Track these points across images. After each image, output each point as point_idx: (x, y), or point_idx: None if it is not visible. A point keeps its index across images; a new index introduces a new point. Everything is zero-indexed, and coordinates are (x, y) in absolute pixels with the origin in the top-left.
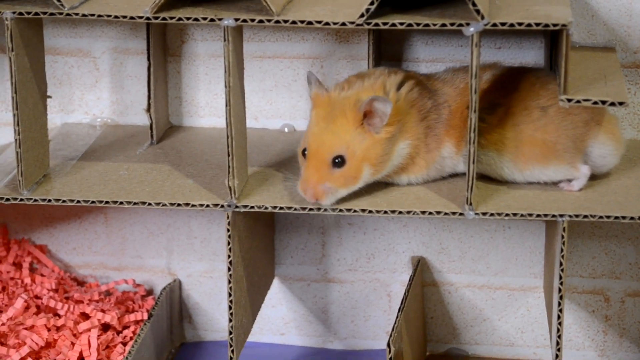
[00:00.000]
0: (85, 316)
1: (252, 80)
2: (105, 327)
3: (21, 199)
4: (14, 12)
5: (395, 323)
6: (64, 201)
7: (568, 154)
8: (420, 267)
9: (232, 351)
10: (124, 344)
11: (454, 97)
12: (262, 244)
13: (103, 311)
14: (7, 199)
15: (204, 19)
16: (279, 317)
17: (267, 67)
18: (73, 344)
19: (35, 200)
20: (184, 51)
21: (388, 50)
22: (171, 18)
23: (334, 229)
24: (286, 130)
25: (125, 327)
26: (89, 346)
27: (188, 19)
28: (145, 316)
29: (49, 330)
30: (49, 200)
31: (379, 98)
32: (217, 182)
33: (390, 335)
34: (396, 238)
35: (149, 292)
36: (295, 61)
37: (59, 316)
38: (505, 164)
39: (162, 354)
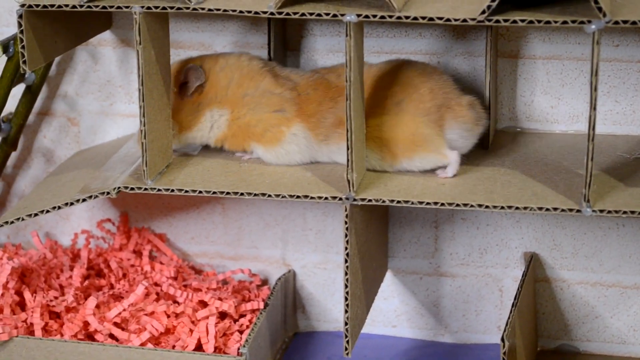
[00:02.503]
0: (203, 304)
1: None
2: (222, 315)
3: (145, 189)
4: (142, 7)
5: (509, 318)
6: (186, 191)
7: (429, 141)
8: (533, 263)
9: (347, 342)
10: (241, 332)
11: (305, 86)
12: (376, 237)
13: (220, 299)
14: (132, 189)
15: (327, 14)
16: (391, 310)
17: None
18: (191, 330)
19: (159, 190)
20: (303, 46)
21: (505, 47)
22: (294, 14)
23: (447, 224)
24: None
25: (242, 315)
26: (207, 333)
27: (311, 14)
28: (262, 305)
29: (168, 316)
30: (172, 191)
31: (191, 67)
32: (335, 175)
33: (505, 330)
34: (509, 233)
35: (264, 282)
36: (413, 57)
37: (178, 303)
38: (375, 161)
39: (276, 343)
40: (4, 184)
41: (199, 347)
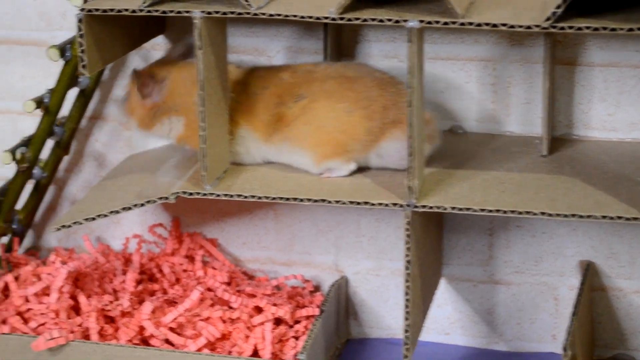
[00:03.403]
0: (258, 310)
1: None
2: (277, 321)
3: (204, 194)
4: (202, 12)
5: (569, 327)
6: (245, 197)
7: (352, 153)
8: (590, 271)
9: (407, 349)
10: (296, 338)
11: (254, 87)
12: (432, 244)
13: (275, 305)
14: (190, 194)
15: (389, 20)
16: (445, 317)
17: (439, 68)
18: (247, 336)
19: (218, 195)
20: (357, 52)
21: (562, 54)
22: (356, 19)
23: (502, 231)
24: (460, 131)
25: (297, 321)
26: (263, 339)
27: (373, 20)
28: (317, 312)
29: (223, 322)
30: (231, 196)
31: (137, 73)
32: (394, 182)
33: (566, 339)
34: (565, 241)
35: (316, 288)
36: (468, 63)
37: (232, 309)
38: (304, 158)
39: (329, 350)
40: (56, 187)
41: (254, 353)
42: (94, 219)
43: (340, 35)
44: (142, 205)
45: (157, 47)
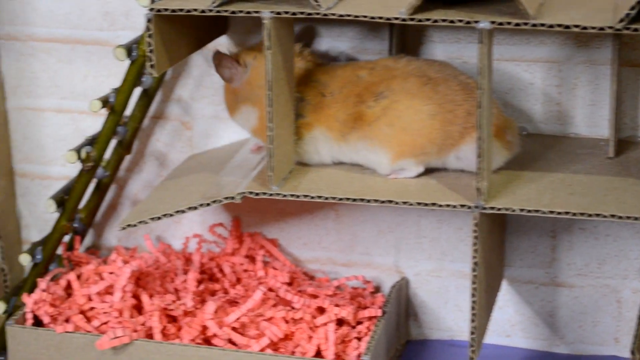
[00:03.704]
0: (320, 310)
1: None
2: (339, 322)
3: (270, 194)
4: (271, 12)
5: (637, 330)
6: (312, 197)
7: (427, 156)
8: None
9: (473, 351)
10: (359, 339)
11: (332, 87)
12: (496, 246)
13: (338, 306)
14: (257, 194)
15: (460, 21)
16: (505, 319)
17: (504, 69)
18: (310, 337)
19: (284, 195)
20: (421, 52)
21: (629, 55)
22: (426, 20)
23: (565, 233)
24: (524, 133)
25: (358, 322)
26: (326, 340)
27: (444, 21)
28: (379, 313)
29: (286, 322)
30: (297, 196)
31: (216, 54)
32: (461, 183)
33: (634, 343)
34: (628, 244)
35: (377, 289)
36: (533, 65)
37: (295, 309)
38: (381, 158)
39: (390, 351)
40: (116, 186)
41: (317, 354)
42: (159, 218)
43: (405, 36)
44: (208, 205)
45: (220, 47)
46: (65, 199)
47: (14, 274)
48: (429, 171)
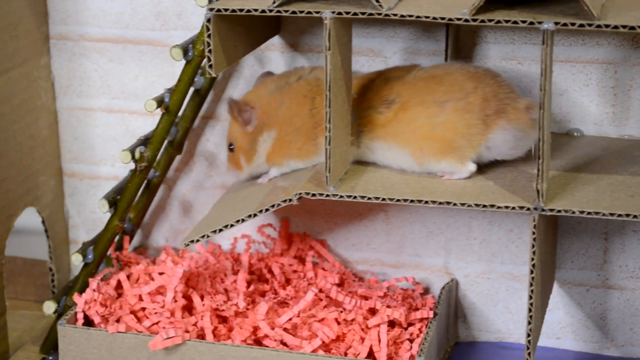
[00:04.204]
0: (372, 311)
1: None
2: (390, 324)
3: (327, 195)
4: (332, 12)
5: None
6: (369, 198)
7: (462, 151)
8: None
9: (529, 354)
10: (410, 340)
11: None
12: (550, 248)
13: (389, 307)
14: (313, 195)
15: (523, 22)
16: (556, 321)
17: (558, 70)
18: (362, 338)
19: (341, 196)
20: (475, 53)
21: None
22: (490, 20)
23: (618, 235)
24: (575, 134)
25: (410, 324)
26: (379, 341)
27: (507, 21)
28: (430, 314)
29: (338, 323)
30: (354, 197)
31: (231, 104)
32: (518, 185)
33: None
34: None
35: (426, 291)
36: (588, 66)
37: (347, 310)
38: (403, 157)
39: (440, 353)
40: (165, 187)
41: (369, 355)
42: (221, 230)
43: (458, 36)
44: (267, 210)
45: (272, 47)
46: (117, 199)
47: (61, 273)
48: (483, 172)
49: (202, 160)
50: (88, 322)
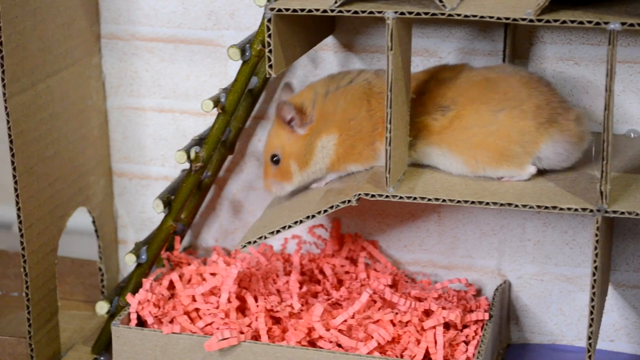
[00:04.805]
0: (426, 313)
1: (600, 84)
2: (445, 325)
3: (386, 196)
4: (395, 12)
5: None
6: (429, 199)
7: (518, 158)
8: None
9: (590, 357)
10: (466, 343)
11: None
12: (607, 250)
13: (444, 309)
14: (373, 195)
15: (589, 22)
16: (610, 324)
17: (616, 71)
18: (418, 340)
19: (401, 197)
20: (532, 53)
21: None
22: (555, 21)
23: None
24: (632, 135)
25: (465, 326)
26: (435, 343)
27: (572, 22)
28: (486, 316)
29: (393, 325)
30: (414, 198)
31: (281, 104)
32: (579, 187)
33: None
34: None
35: (478, 292)
36: None
37: (402, 312)
38: (457, 164)
39: (493, 355)
40: (215, 187)
41: (425, 357)
42: (278, 231)
43: (515, 36)
44: (326, 211)
45: (326, 47)
46: (171, 199)
47: (110, 274)
48: (542, 173)
49: (253, 160)
50: (140, 323)
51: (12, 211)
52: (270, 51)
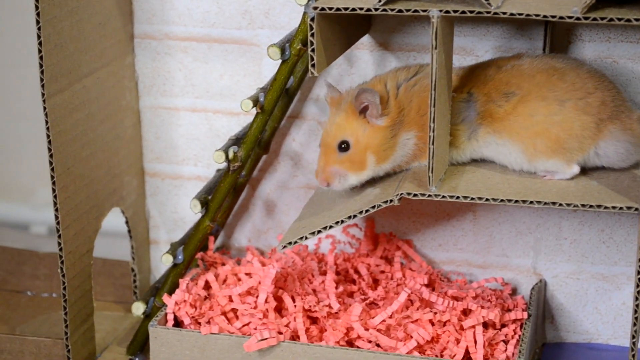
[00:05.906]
0: (465, 312)
1: (639, 82)
2: (484, 325)
3: (429, 195)
4: (440, 11)
5: None
6: (472, 199)
7: (570, 153)
8: None
9: (633, 356)
10: (505, 342)
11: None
12: None
13: (483, 308)
14: (415, 195)
15: (637, 20)
16: None
17: None
18: (457, 340)
19: (443, 196)
20: (570, 51)
21: None
22: (602, 19)
23: None
24: None
25: (503, 325)
26: (475, 342)
27: (620, 19)
28: (525, 315)
29: (432, 324)
30: (457, 197)
31: (364, 89)
32: (622, 185)
33: None
34: None
35: (514, 291)
36: None
37: (441, 311)
38: (515, 153)
39: (530, 354)
40: (249, 186)
41: (465, 356)
42: (319, 232)
43: (553, 34)
44: (367, 211)
45: (361, 46)
46: (208, 199)
47: (142, 274)
48: (585, 172)
49: (287, 160)
50: (177, 324)
51: (28, 211)
52: (312, 50)
